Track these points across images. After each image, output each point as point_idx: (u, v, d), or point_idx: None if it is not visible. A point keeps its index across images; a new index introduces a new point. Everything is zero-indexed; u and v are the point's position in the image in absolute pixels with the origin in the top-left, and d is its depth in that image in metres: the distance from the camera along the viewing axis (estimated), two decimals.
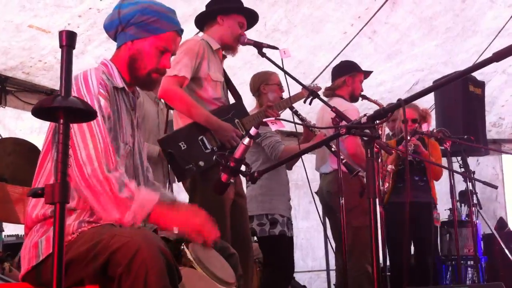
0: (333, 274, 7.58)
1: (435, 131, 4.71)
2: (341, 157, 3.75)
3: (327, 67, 6.44)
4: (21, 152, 3.32)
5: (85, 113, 1.01)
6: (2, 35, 4.64)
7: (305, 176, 4.37)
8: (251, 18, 3.63)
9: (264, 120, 2.34)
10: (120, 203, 1.98)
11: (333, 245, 4.60)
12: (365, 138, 1.62)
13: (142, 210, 2.00)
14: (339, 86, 4.53)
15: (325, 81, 6.44)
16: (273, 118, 2.57)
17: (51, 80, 5.34)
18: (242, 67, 5.79)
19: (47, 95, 5.47)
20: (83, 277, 1.93)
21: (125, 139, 2.21)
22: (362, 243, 4.09)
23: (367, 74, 4.67)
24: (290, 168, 4.62)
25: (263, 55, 3.49)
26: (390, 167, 4.67)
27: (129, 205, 1.99)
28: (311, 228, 7.61)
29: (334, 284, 6.62)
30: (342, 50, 6.28)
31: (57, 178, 0.97)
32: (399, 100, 1.57)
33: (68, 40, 1.06)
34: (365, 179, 4.31)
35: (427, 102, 6.63)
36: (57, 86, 5.46)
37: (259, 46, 3.48)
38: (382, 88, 6.79)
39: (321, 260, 7.86)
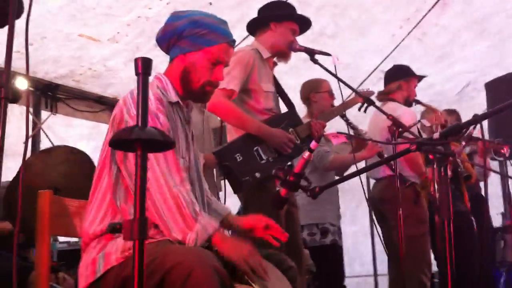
0: (380, 279, 7.49)
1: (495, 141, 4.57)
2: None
3: (374, 70, 6.34)
4: (74, 161, 3.32)
5: (163, 144, 0.98)
6: (52, 44, 4.70)
7: (352, 180, 4.29)
8: (304, 24, 3.58)
9: (325, 133, 2.28)
10: (185, 221, 1.95)
11: (380, 249, 4.52)
12: (438, 156, 1.54)
13: (204, 233, 1.95)
14: (394, 90, 4.41)
15: (372, 84, 6.37)
16: (335, 132, 2.51)
17: (100, 87, 5.41)
18: (288, 72, 5.72)
19: (96, 102, 5.54)
20: None
21: (181, 153, 2.18)
22: (416, 252, 3.97)
23: (420, 78, 4.56)
24: (342, 175, 4.54)
25: (315, 61, 3.43)
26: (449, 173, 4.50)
27: (193, 225, 1.95)
28: (358, 233, 7.52)
29: None
30: (390, 53, 6.16)
31: (135, 214, 0.93)
32: (475, 115, 1.49)
33: (144, 68, 1.02)
34: (418, 187, 4.25)
35: (479, 105, 6.45)
36: (105, 93, 5.53)
37: (311, 52, 3.42)
38: (431, 91, 6.63)
39: (369, 265, 7.76)
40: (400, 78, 4.45)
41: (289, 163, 3.29)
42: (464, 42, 6.23)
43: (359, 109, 3.54)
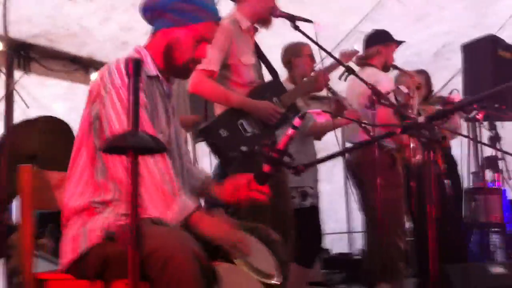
0: (354, 235, 7.65)
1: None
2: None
3: (352, 30, 6.31)
4: (54, 131, 3.29)
5: (156, 150, 0.96)
6: (26, 3, 4.56)
7: (326, 140, 4.34)
8: None
9: (309, 111, 2.28)
10: (163, 199, 1.93)
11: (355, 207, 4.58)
12: (423, 140, 1.55)
13: (182, 213, 1.93)
14: (372, 55, 4.43)
15: (349, 45, 6.35)
16: (319, 110, 2.51)
17: (75, 46, 5.30)
18: (265, 32, 5.67)
19: (71, 61, 5.44)
20: (123, 272, 1.91)
21: (160, 128, 2.16)
22: (391, 216, 4.04)
23: (399, 43, 4.56)
24: (320, 139, 4.56)
25: (296, 28, 3.40)
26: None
27: (171, 203, 1.93)
28: (333, 191, 7.61)
29: (359, 249, 6.67)
30: (368, 14, 6.13)
31: (131, 222, 0.92)
32: (462, 101, 1.49)
33: (135, 69, 0.99)
34: (394, 151, 4.29)
35: (455, 66, 6.49)
36: (80, 53, 5.43)
37: (292, 18, 3.39)
38: (408, 51, 6.61)
39: (343, 222, 7.90)
40: (379, 43, 4.46)
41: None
42: (441, 3, 6.22)
43: (340, 78, 3.54)
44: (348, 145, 4.64)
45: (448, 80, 7.00)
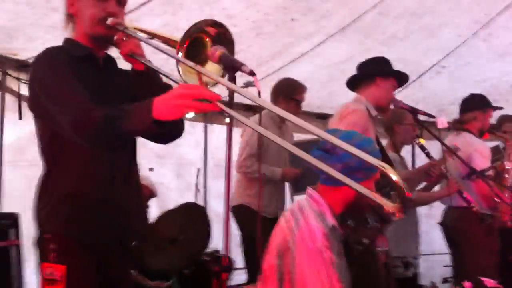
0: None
1: None
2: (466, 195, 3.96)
3: (434, 65, 6.42)
4: (191, 215, 3.54)
5: None
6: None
7: None
8: (403, 80, 3.71)
9: None
10: None
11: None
12: None
13: None
14: (469, 120, 4.52)
15: (430, 78, 6.50)
16: None
17: None
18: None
19: None
20: None
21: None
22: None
23: (495, 109, 4.66)
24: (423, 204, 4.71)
25: (417, 121, 3.58)
26: None
27: None
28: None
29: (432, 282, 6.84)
30: (453, 50, 6.23)
31: None
32: None
33: None
34: (491, 218, 4.44)
35: None
36: None
37: (414, 112, 3.57)
38: (485, 84, 6.74)
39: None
40: (478, 108, 4.55)
41: None
42: None
43: (465, 178, 3.71)
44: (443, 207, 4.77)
45: None
